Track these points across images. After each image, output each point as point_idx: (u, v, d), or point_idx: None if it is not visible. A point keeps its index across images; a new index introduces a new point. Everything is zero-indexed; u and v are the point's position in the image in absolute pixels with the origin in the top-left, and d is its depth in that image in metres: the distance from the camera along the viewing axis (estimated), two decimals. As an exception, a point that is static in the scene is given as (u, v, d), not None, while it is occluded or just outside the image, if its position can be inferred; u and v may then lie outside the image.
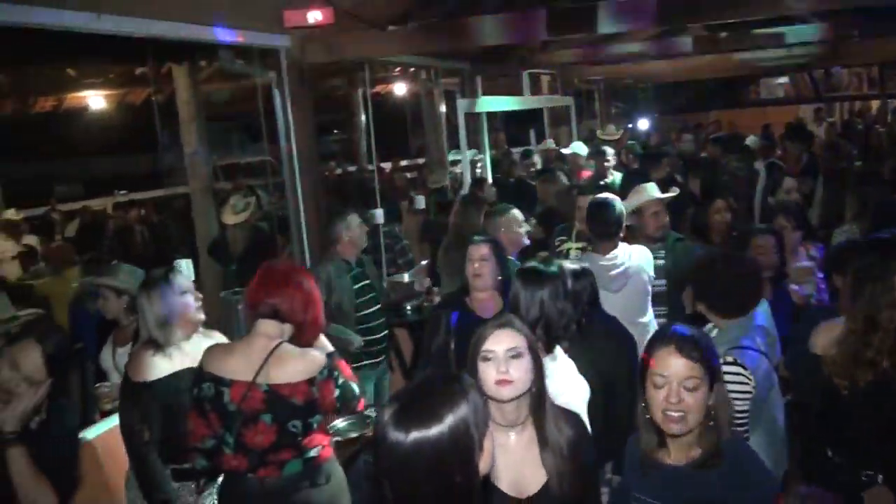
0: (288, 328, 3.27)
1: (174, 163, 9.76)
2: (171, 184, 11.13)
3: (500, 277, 4.15)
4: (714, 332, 3.51)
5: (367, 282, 5.42)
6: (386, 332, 5.65)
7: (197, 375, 3.27)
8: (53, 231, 11.97)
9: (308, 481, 3.23)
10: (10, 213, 9.99)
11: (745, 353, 3.28)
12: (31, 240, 9.67)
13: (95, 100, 13.21)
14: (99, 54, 9.41)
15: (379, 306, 5.53)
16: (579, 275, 3.70)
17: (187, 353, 3.55)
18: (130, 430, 3.49)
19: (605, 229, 4.68)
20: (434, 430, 1.80)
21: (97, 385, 4.38)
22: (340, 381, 3.24)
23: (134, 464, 3.55)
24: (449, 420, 1.82)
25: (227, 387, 3.17)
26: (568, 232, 5.81)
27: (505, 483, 2.52)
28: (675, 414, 2.42)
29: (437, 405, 1.84)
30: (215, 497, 3.45)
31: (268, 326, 3.24)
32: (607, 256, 4.57)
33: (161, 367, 3.50)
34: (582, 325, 3.53)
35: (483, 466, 1.91)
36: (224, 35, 5.60)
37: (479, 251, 4.18)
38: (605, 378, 3.45)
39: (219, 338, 3.71)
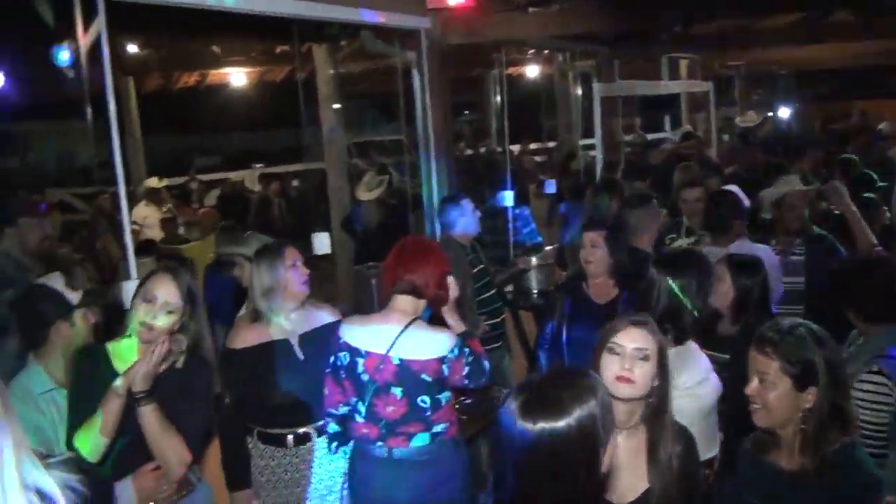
0: (422, 304, 3.33)
1: (311, 139, 10.01)
2: (308, 159, 11.42)
3: (614, 264, 4.13)
4: (859, 340, 3.38)
5: (482, 266, 5.43)
6: (503, 315, 5.65)
7: (336, 344, 3.38)
8: (191, 200, 12.48)
9: (434, 455, 3.30)
10: (153, 182, 10.48)
11: (892, 362, 3.15)
12: (171, 207, 10.12)
13: (237, 76, 13.63)
14: (243, 33, 9.72)
15: (494, 290, 5.54)
16: (749, 268, 3.64)
17: (286, 326, 3.59)
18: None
19: (719, 221, 4.56)
20: (562, 423, 1.81)
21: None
22: (471, 358, 3.27)
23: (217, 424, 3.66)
24: (577, 414, 1.82)
25: (362, 357, 3.28)
26: (677, 228, 5.65)
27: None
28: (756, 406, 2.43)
29: (567, 399, 1.84)
30: (342, 462, 3.56)
31: (404, 302, 3.32)
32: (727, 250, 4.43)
33: (252, 336, 3.56)
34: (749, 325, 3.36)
35: (605, 465, 1.91)
36: (368, 16, 5.71)
37: (592, 238, 4.18)
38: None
39: (327, 312, 3.74)
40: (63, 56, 8.09)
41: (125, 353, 2.91)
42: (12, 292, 3.62)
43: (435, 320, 3.46)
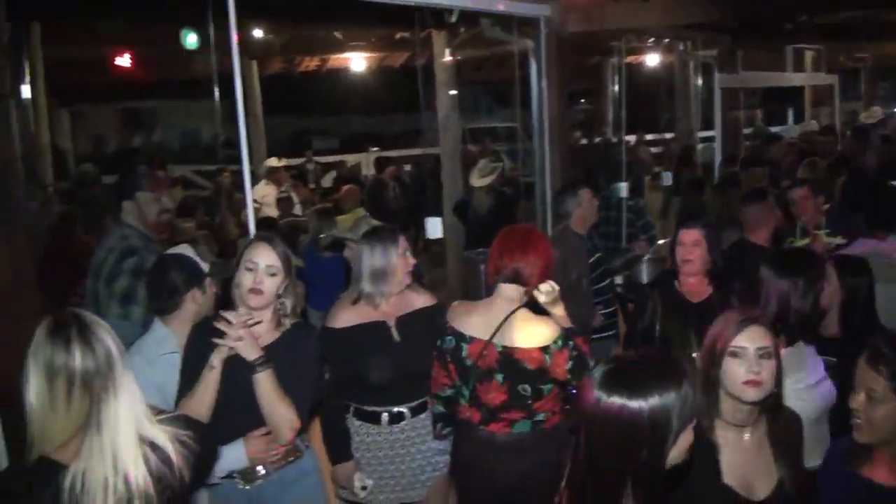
0: (526, 292, 3.33)
1: (427, 124, 10.11)
2: (423, 144, 11.53)
3: (711, 263, 4.07)
4: None
5: (599, 255, 5.38)
6: (614, 308, 5.60)
7: (442, 328, 3.43)
8: (308, 181, 12.77)
9: (535, 443, 3.30)
10: (272, 162, 10.77)
11: None
12: (289, 187, 10.38)
13: (357, 61, 13.85)
14: (364, 19, 9.88)
15: (609, 281, 5.49)
16: (856, 268, 3.53)
17: (385, 308, 3.61)
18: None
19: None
20: (634, 404, 1.81)
21: None
22: (575, 353, 3.23)
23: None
24: (653, 400, 1.81)
25: (467, 343, 3.31)
26: (792, 231, 5.43)
27: (736, 482, 2.45)
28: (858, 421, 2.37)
29: (648, 381, 1.84)
30: (437, 443, 3.62)
31: (509, 290, 3.32)
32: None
33: (351, 316, 3.59)
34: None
35: (675, 456, 1.89)
36: (490, 4, 5.72)
37: (691, 236, 4.09)
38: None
39: (425, 297, 3.74)
40: (191, 39, 8.41)
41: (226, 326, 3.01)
42: (134, 262, 3.76)
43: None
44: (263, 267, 2.96)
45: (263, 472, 3.01)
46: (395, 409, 3.59)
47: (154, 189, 4.05)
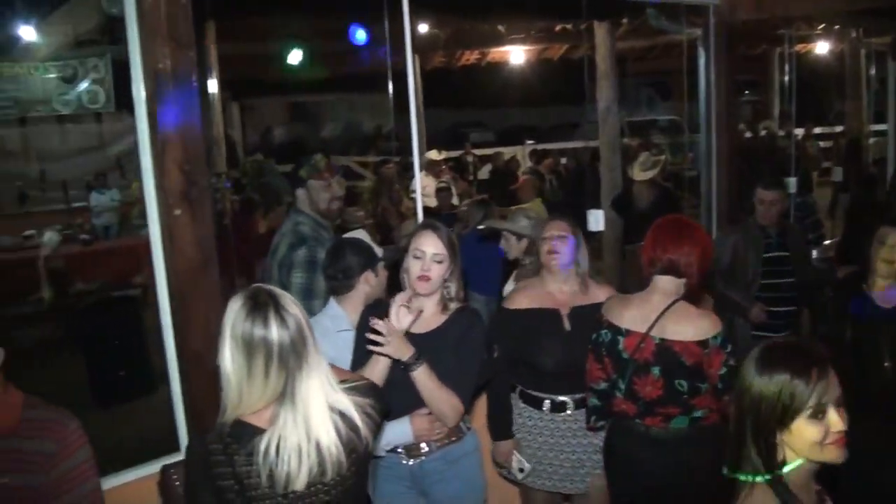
0: (683, 284, 3.28)
1: (585, 117, 10.04)
2: (580, 137, 11.48)
3: None
4: None
5: (784, 253, 5.17)
6: (793, 308, 5.35)
7: (598, 322, 3.42)
8: (466, 172, 12.94)
9: (693, 439, 3.25)
10: (433, 154, 10.97)
11: None
12: (446, 178, 10.56)
13: (516, 54, 13.88)
14: (525, 11, 9.89)
15: (791, 281, 5.25)
16: None
17: (559, 297, 3.67)
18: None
19: None
20: (760, 380, 1.96)
21: None
22: (732, 361, 3.14)
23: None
24: (771, 378, 1.93)
25: (623, 336, 3.29)
26: None
27: None
28: None
29: (777, 362, 1.94)
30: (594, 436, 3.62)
31: (665, 282, 3.28)
32: None
33: (525, 300, 3.67)
34: None
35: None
36: (661, -6, 5.62)
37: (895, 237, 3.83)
38: None
39: (605, 291, 3.74)
40: (360, 35, 8.66)
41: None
42: (304, 253, 3.91)
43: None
44: (430, 255, 3.06)
45: (427, 449, 3.11)
46: (559, 398, 3.63)
47: (325, 177, 4.18)
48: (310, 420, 2.05)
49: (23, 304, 8.89)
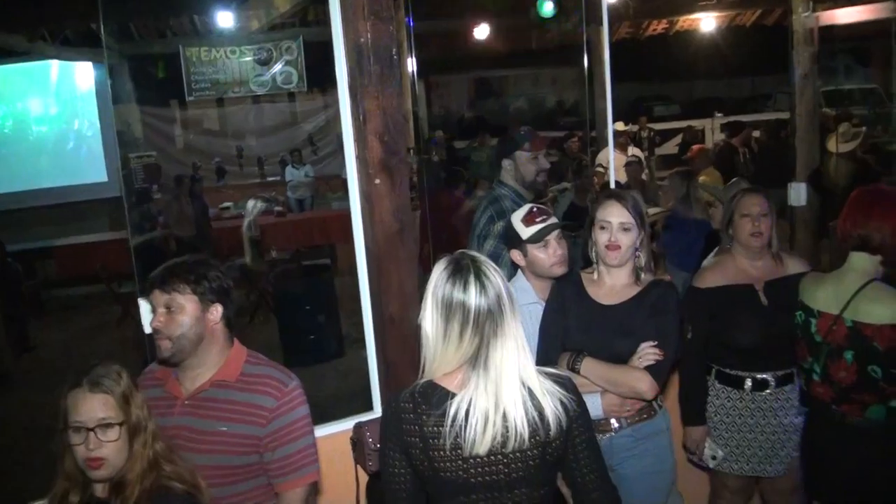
0: (879, 261, 3.09)
1: (779, 87, 9.59)
2: (774, 108, 10.97)
3: None
4: None
5: None
6: None
7: (797, 303, 3.31)
8: (641, 148, 12.68)
9: (890, 431, 3.07)
10: (619, 125, 10.80)
11: None
12: (637, 151, 10.37)
13: (706, 22, 13.38)
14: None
15: None
16: None
17: (752, 272, 3.55)
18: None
19: None
20: None
21: None
22: None
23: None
24: None
25: (815, 318, 3.17)
26: None
27: None
28: None
29: None
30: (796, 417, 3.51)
31: (859, 260, 3.11)
32: None
33: (717, 277, 3.56)
34: None
35: None
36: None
37: None
38: None
39: (798, 262, 3.61)
40: (547, 8, 8.64)
41: (588, 281, 3.16)
42: (502, 226, 3.92)
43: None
44: (617, 224, 3.02)
45: (617, 425, 3.09)
46: (760, 376, 3.52)
47: (533, 149, 4.19)
48: (500, 388, 2.08)
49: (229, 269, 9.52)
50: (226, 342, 2.59)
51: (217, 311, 2.54)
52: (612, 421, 3.08)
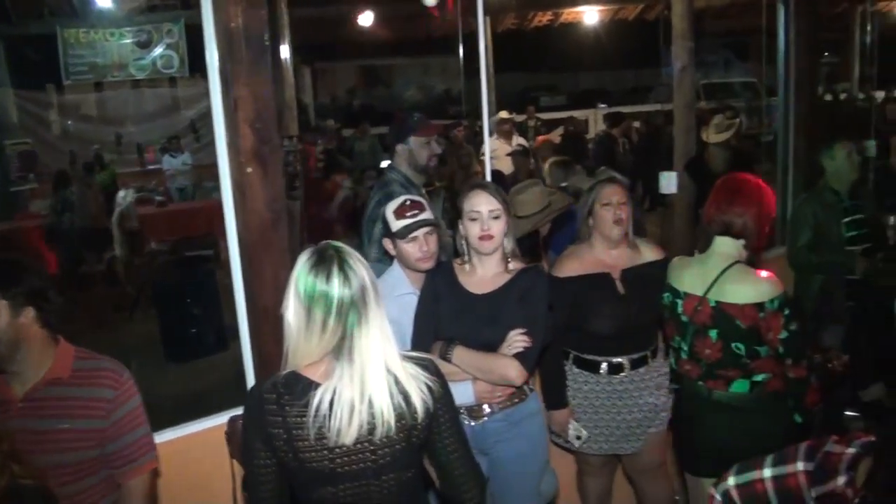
0: (742, 245, 3.23)
1: (659, 79, 9.86)
2: (654, 100, 11.30)
3: None
4: None
5: (860, 216, 5.04)
6: None
7: (654, 289, 3.44)
8: (529, 138, 12.85)
9: (753, 403, 3.22)
10: (503, 115, 10.86)
11: None
12: (522, 141, 10.46)
13: (590, 15, 13.69)
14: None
15: (871, 245, 5.12)
16: None
17: (608, 260, 3.63)
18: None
19: None
20: None
21: None
22: (792, 326, 3.08)
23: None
24: None
25: (681, 299, 3.29)
26: None
27: None
28: None
29: None
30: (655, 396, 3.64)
31: (722, 244, 3.24)
32: None
33: (575, 266, 3.64)
34: None
35: None
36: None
37: None
38: None
39: (653, 251, 3.71)
40: (431, -2, 8.63)
41: (460, 271, 3.19)
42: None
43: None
44: (486, 212, 3.05)
45: (489, 410, 3.13)
46: (615, 360, 3.63)
47: (425, 134, 4.25)
48: (365, 377, 2.07)
49: (97, 262, 9.19)
50: (47, 342, 2.53)
51: (29, 313, 2.47)
52: (485, 407, 3.12)
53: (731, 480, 2.05)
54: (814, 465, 1.90)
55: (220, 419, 3.31)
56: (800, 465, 1.95)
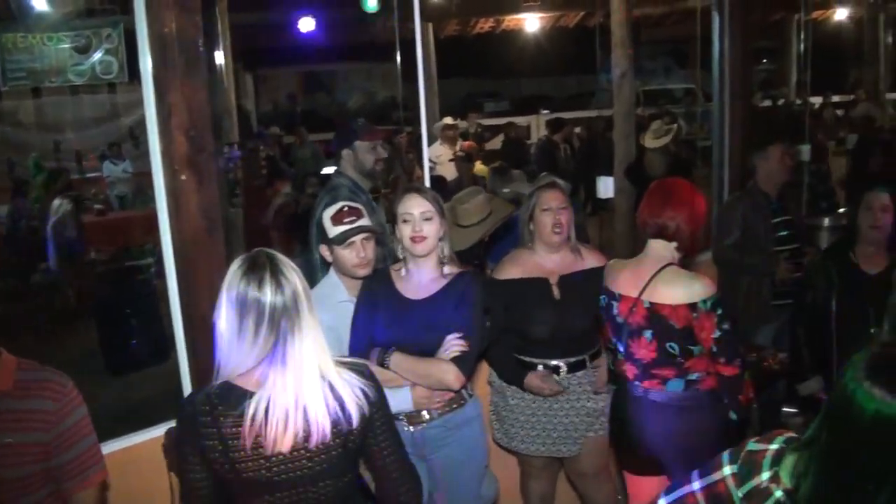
0: (675, 248, 3.28)
1: (600, 85, 9.99)
2: (595, 106, 11.44)
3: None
4: None
5: (786, 217, 5.16)
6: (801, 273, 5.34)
7: (592, 294, 3.47)
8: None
9: (689, 402, 3.26)
10: (447, 120, 10.90)
11: None
12: (465, 146, 10.51)
13: (531, 21, 13.80)
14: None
15: (798, 246, 5.25)
16: None
17: (548, 265, 3.69)
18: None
19: None
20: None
21: None
22: (725, 325, 3.14)
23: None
24: None
25: (616, 300, 3.33)
26: None
27: None
28: None
29: None
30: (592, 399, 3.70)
31: (656, 246, 3.29)
32: None
33: (514, 270, 3.70)
34: None
35: None
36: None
37: (881, 200, 3.87)
38: None
39: (595, 257, 3.76)
40: (371, 2, 8.62)
41: (396, 277, 3.20)
42: None
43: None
44: (418, 214, 3.07)
45: (428, 416, 3.13)
46: (552, 363, 3.69)
47: (370, 138, 4.30)
48: (300, 384, 2.07)
49: (33, 273, 8.99)
50: None
51: None
52: (424, 413, 3.12)
53: (662, 501, 2.07)
54: (738, 466, 1.94)
55: (158, 431, 3.26)
56: (726, 471, 1.97)
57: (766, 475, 1.85)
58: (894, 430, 1.61)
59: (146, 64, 3.14)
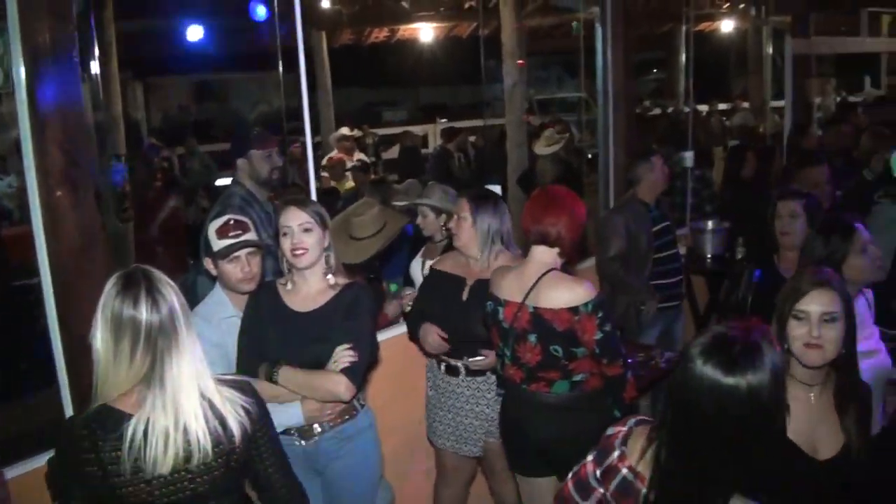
0: (557, 253, 3.36)
1: (494, 95, 10.11)
2: (489, 115, 11.57)
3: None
4: None
5: (666, 223, 5.32)
6: (681, 277, 5.52)
7: (488, 293, 3.52)
8: (368, 154, 12.90)
9: (575, 403, 3.36)
10: (344, 130, 10.87)
11: None
12: (362, 156, 10.49)
13: (425, 32, 13.86)
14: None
15: (676, 251, 5.43)
16: None
17: (475, 269, 3.77)
18: None
19: None
20: (757, 377, 1.76)
21: (406, 289, 4.55)
22: (607, 327, 3.22)
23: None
24: (751, 377, 1.76)
25: (502, 306, 3.39)
26: None
27: (800, 438, 2.43)
28: None
29: (760, 353, 1.79)
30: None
31: (539, 252, 3.36)
32: None
33: (448, 265, 3.87)
34: None
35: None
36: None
37: (789, 207, 4.05)
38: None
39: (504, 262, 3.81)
40: (260, 11, 8.54)
41: (283, 290, 3.17)
42: None
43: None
44: (297, 226, 3.05)
45: (320, 429, 3.12)
46: (452, 362, 3.81)
47: (265, 147, 4.30)
48: (179, 404, 2.03)
49: None
50: None
51: None
52: (315, 426, 3.11)
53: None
54: (596, 450, 2.05)
55: (41, 461, 3.12)
56: (589, 457, 2.09)
57: (616, 454, 1.97)
58: (729, 405, 1.76)
59: (19, 76, 3.01)
